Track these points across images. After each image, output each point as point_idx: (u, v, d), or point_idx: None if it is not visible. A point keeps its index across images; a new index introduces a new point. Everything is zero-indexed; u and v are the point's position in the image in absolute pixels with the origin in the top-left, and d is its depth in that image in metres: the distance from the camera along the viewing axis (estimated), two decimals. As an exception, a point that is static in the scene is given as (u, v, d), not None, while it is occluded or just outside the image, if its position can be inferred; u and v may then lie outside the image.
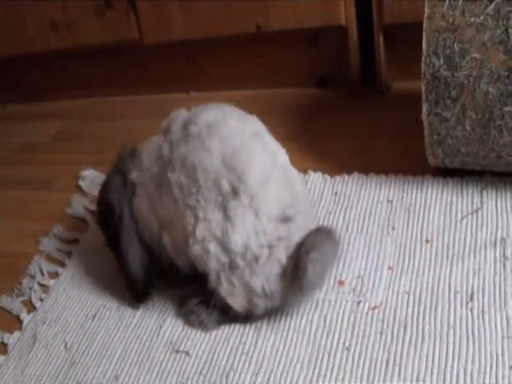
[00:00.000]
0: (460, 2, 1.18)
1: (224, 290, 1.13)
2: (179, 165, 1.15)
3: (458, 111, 1.23)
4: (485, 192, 1.31)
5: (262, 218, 1.11)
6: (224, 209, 1.11)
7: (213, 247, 1.12)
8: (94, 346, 1.22)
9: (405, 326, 1.10)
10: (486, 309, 1.10)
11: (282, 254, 1.12)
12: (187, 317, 1.21)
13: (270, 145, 1.19)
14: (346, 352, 1.09)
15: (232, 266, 1.12)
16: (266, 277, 1.11)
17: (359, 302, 1.16)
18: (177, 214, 1.16)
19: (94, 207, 1.43)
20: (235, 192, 1.11)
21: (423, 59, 1.22)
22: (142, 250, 1.24)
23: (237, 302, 1.14)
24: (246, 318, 1.17)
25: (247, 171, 1.12)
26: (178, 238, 1.18)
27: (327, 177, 1.46)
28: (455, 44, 1.19)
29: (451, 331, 1.08)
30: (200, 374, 1.12)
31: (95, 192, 1.41)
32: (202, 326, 1.19)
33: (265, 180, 1.13)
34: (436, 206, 1.31)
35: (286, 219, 1.13)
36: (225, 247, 1.11)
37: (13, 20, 1.87)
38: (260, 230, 1.11)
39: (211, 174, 1.12)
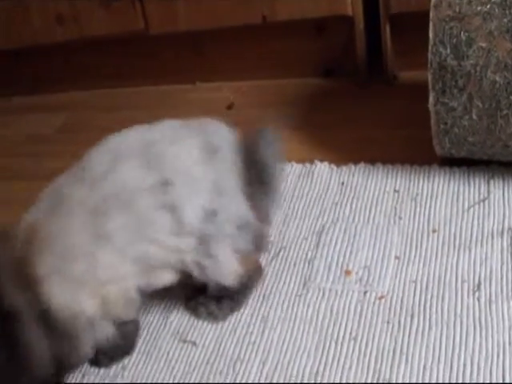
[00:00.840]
0: (467, -9, 1.18)
1: (211, 266, 1.11)
2: (115, 213, 1.07)
3: (464, 100, 1.23)
4: (492, 181, 1.31)
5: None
6: (169, 206, 1.07)
7: (183, 244, 1.09)
8: (101, 336, 1.22)
9: (412, 316, 1.10)
10: (493, 298, 1.10)
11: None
12: (195, 310, 1.20)
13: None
14: (352, 341, 1.09)
15: (204, 241, 1.09)
16: (238, 213, 1.11)
17: (366, 292, 1.16)
18: (121, 264, 1.07)
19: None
20: (167, 184, 1.07)
21: (430, 48, 1.22)
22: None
23: (226, 274, 1.13)
24: (246, 288, 1.17)
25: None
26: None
27: (333, 167, 1.45)
28: (462, 33, 1.19)
29: (458, 320, 1.08)
30: (207, 363, 1.12)
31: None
32: (212, 317, 1.18)
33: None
34: (443, 195, 1.31)
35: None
36: (185, 233, 1.08)
37: (18, 12, 1.87)
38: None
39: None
